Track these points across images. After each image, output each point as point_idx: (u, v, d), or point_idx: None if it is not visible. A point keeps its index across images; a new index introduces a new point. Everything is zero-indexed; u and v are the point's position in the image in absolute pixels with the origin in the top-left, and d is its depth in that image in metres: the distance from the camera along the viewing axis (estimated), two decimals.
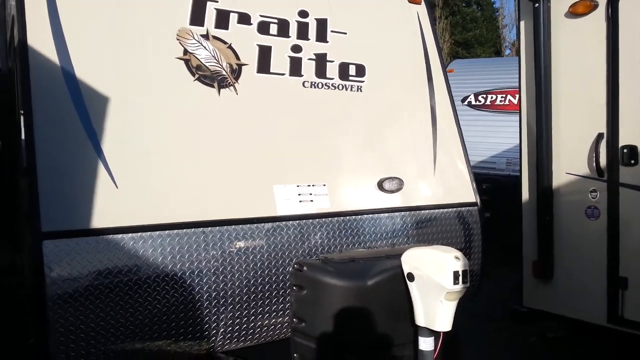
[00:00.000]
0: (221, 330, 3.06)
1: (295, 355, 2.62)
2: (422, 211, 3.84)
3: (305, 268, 2.56)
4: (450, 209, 3.97)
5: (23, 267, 2.95)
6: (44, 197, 2.63)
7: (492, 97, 9.47)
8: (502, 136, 8.71)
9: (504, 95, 9.32)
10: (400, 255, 2.63)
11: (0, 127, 4.29)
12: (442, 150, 4.04)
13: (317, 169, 3.49)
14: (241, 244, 3.11)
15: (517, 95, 5.11)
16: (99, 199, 2.75)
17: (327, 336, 2.51)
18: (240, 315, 3.09)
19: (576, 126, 4.34)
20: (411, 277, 2.50)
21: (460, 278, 2.39)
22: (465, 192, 4.09)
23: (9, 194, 4.37)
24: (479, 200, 4.13)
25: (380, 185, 3.67)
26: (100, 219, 2.73)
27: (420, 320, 2.50)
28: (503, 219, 6.04)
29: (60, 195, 2.67)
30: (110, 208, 2.77)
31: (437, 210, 3.91)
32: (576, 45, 4.33)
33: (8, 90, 3.62)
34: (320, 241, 3.38)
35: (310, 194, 3.40)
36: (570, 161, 4.35)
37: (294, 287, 2.60)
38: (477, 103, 9.62)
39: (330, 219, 3.44)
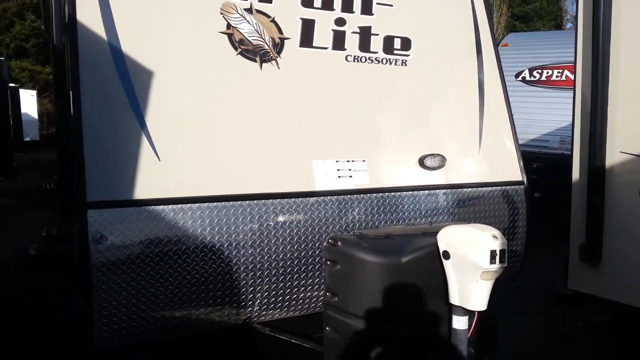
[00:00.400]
0: (258, 302, 3.12)
1: (327, 328, 2.65)
2: (465, 189, 3.76)
3: (339, 243, 2.56)
4: (495, 188, 3.87)
5: (72, 235, 3.09)
6: (90, 168, 2.72)
7: (547, 73, 9.09)
8: (557, 113, 8.37)
9: (560, 71, 8.93)
10: (436, 232, 2.59)
11: (57, 101, 4.47)
12: (489, 127, 3.92)
13: (357, 144, 3.46)
14: (279, 217, 3.14)
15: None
16: (142, 171, 2.83)
17: (359, 311, 2.52)
18: (276, 288, 3.14)
19: (634, 103, 4.11)
20: (447, 255, 2.46)
21: (498, 257, 2.33)
22: (512, 170, 3.98)
23: (62, 165, 4.57)
24: (525, 179, 4.00)
25: (421, 162, 3.61)
26: (142, 191, 2.82)
27: (455, 298, 2.47)
28: (554, 199, 5.84)
29: (105, 167, 2.77)
30: (152, 180, 2.85)
31: (480, 189, 3.81)
32: (638, 17, 4.08)
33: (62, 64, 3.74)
34: (358, 217, 3.37)
35: (350, 170, 3.39)
36: (626, 139, 4.13)
37: (328, 262, 2.61)
38: (532, 79, 9.26)
39: (369, 195, 3.42)
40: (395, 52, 3.69)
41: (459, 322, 2.49)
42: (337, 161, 3.36)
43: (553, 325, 5.26)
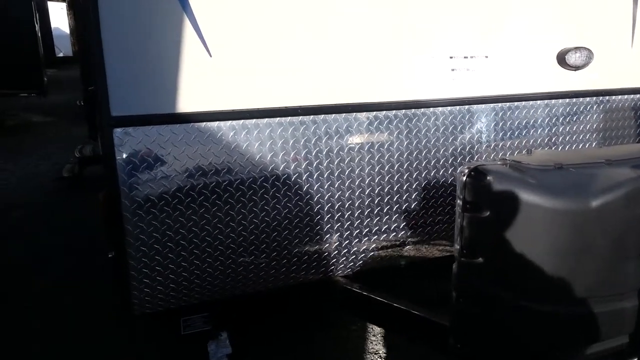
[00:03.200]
0: (338, 252, 2.33)
1: (460, 299, 1.83)
2: (615, 96, 2.77)
3: (490, 177, 1.68)
4: None
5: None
6: (113, 67, 1.87)
7: None
8: None
9: None
10: (635, 160, 1.69)
11: None
12: None
13: (476, 34, 2.49)
14: (369, 137, 2.26)
15: None
16: (187, 72, 1.96)
17: (518, 281, 1.69)
18: (365, 233, 2.34)
19: None
20: None
21: None
22: None
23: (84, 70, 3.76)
24: None
25: (561, 58, 2.61)
26: (189, 101, 1.97)
27: None
28: None
29: (134, 66, 1.91)
30: (202, 86, 1.99)
31: (634, 96, 2.82)
32: None
33: None
34: (477, 136, 2.46)
35: (468, 70, 2.44)
36: None
37: (467, 205, 1.75)
38: None
39: (493, 105, 2.49)
40: None
41: None
42: (451, 57, 2.41)
43: None
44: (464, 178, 1.73)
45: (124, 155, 1.90)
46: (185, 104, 1.96)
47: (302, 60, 2.12)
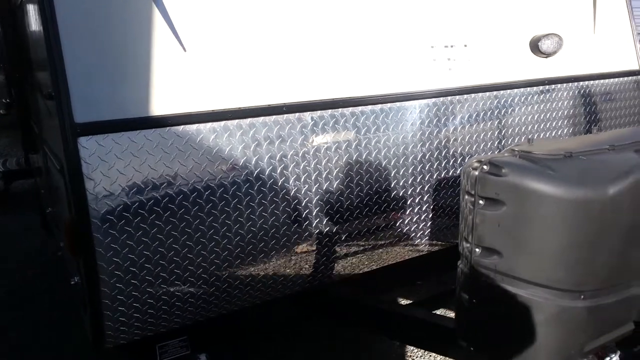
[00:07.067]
0: (328, 258, 2.18)
1: (473, 300, 1.73)
2: (582, 82, 2.78)
3: (505, 170, 1.58)
4: (612, 80, 2.92)
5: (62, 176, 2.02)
6: (75, 70, 1.62)
7: None
8: None
9: None
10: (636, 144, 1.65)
11: None
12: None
13: (455, 22, 2.40)
14: (356, 134, 2.12)
15: None
16: (160, 70, 1.74)
17: (540, 277, 1.60)
18: (354, 235, 2.20)
19: None
20: None
21: None
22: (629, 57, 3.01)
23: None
24: None
25: (534, 45, 2.59)
26: (164, 102, 1.74)
27: None
28: None
29: (99, 65, 1.66)
30: (177, 84, 1.76)
31: (598, 81, 2.85)
32: None
33: None
34: (460, 128, 2.38)
35: (449, 59, 2.35)
36: None
37: (481, 201, 1.64)
38: None
39: (474, 94, 2.41)
40: None
41: None
42: (432, 47, 2.31)
43: None
44: (477, 172, 1.63)
45: (92, 168, 1.65)
46: (160, 105, 1.73)
47: (286, 55, 1.95)
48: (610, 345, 1.77)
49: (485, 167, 1.62)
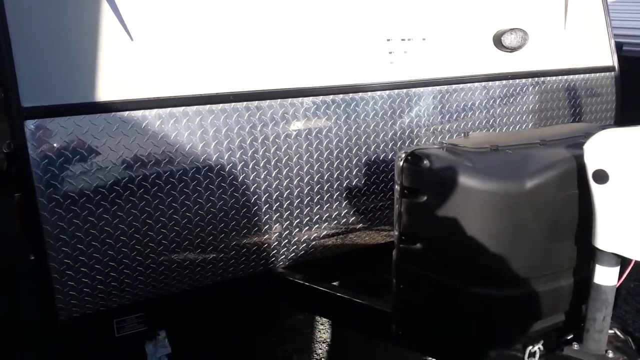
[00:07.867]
0: (278, 243, 2.26)
1: (400, 285, 1.79)
2: (550, 77, 2.80)
3: (427, 162, 1.63)
4: (584, 76, 2.92)
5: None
6: (22, 55, 1.71)
7: None
8: None
9: None
10: (576, 141, 1.69)
11: None
12: None
13: (413, 15, 2.44)
14: (306, 124, 2.18)
15: None
16: (106, 57, 1.82)
17: (457, 265, 1.66)
18: (306, 222, 2.27)
19: None
20: (602, 177, 1.55)
21: None
22: (603, 53, 3.01)
23: None
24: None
25: (497, 39, 2.61)
26: (110, 89, 1.83)
27: (604, 242, 1.61)
28: None
29: (46, 51, 1.75)
30: (124, 72, 1.85)
31: (568, 77, 2.86)
32: None
33: None
34: (416, 120, 2.43)
35: (405, 52, 2.39)
36: None
37: (405, 190, 1.70)
38: None
39: (432, 88, 2.45)
40: None
41: (605, 276, 1.65)
42: (388, 40, 2.35)
43: None
44: (401, 163, 1.69)
45: (38, 150, 1.74)
46: (106, 91, 1.82)
47: (234, 43, 2.02)
48: (534, 335, 1.82)
49: (409, 158, 1.68)
